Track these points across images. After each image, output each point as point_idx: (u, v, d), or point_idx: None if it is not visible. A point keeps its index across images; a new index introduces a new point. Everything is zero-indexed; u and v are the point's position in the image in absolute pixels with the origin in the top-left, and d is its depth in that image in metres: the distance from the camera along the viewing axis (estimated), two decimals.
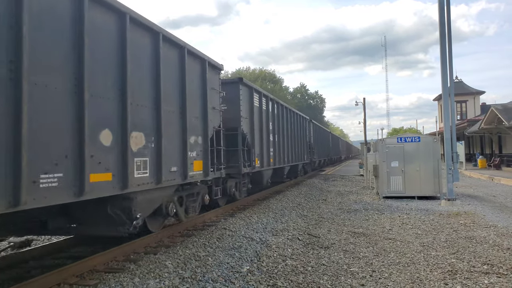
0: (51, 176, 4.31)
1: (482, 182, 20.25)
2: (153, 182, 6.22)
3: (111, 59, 5.40)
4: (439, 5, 12.71)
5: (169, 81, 6.82)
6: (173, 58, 7.05)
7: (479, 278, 5.31)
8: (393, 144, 13.61)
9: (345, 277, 5.54)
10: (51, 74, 4.39)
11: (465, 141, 35.53)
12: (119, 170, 5.40)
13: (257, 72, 78.34)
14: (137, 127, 5.83)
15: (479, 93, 43.38)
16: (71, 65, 4.65)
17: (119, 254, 6.02)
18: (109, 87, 5.33)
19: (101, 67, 5.17)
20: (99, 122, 5.07)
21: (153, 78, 6.37)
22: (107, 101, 5.22)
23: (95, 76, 4.99)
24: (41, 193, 4.17)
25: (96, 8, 5.07)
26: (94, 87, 4.97)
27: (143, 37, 6.18)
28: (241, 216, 9.75)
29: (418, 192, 13.29)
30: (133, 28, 5.82)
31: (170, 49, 6.92)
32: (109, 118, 5.28)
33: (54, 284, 4.77)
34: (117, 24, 5.52)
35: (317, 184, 19.18)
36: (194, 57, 7.85)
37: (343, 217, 10.23)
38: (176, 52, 7.17)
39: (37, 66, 4.18)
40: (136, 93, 5.85)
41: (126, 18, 5.61)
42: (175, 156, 6.96)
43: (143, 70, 6.15)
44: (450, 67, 12.76)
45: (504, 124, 23.94)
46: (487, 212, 10.57)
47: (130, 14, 5.68)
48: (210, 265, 5.83)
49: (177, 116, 7.09)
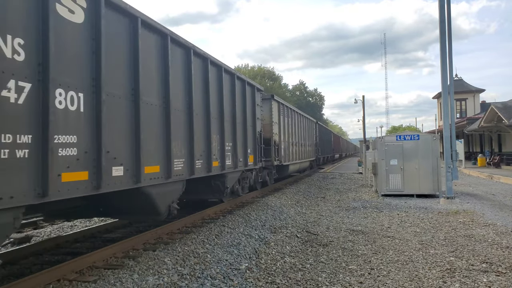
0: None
1: (481, 181, 20.28)
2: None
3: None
4: (439, 2, 12.69)
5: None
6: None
7: (478, 277, 5.33)
8: (392, 142, 13.61)
9: (343, 274, 5.56)
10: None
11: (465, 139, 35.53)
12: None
13: (256, 70, 78.20)
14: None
15: (478, 91, 43.37)
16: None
17: (118, 250, 6.03)
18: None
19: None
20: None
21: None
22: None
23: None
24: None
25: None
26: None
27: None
28: (240, 213, 9.76)
29: (417, 190, 13.30)
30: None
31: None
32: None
33: (54, 280, 4.78)
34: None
35: (315, 182, 19.20)
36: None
37: (341, 215, 10.25)
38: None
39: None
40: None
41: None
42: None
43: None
44: (450, 65, 12.75)
45: (504, 122, 23.95)
46: (486, 210, 10.59)
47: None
48: (209, 262, 5.85)
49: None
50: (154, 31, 6.18)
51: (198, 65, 7.81)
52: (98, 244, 6.83)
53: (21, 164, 3.79)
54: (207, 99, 8.10)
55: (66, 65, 4.38)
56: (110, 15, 5.14)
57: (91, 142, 4.73)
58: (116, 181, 5.14)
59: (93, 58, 4.81)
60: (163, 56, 6.40)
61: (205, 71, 8.08)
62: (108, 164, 4.97)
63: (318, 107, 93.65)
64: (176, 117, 6.75)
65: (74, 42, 4.56)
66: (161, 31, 6.32)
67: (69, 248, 6.68)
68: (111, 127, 5.05)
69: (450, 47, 12.70)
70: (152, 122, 6.04)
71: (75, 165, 4.46)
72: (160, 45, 6.35)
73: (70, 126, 4.41)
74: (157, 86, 6.25)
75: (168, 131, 6.43)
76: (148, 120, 5.90)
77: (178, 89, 6.90)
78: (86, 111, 4.67)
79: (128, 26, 5.55)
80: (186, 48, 7.24)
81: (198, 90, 7.69)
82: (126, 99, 5.45)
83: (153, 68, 6.17)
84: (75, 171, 4.45)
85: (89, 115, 4.70)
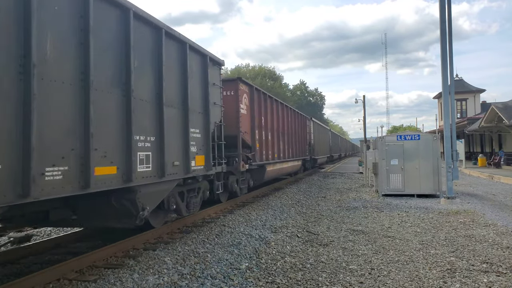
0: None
1: (482, 181, 20.26)
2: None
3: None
4: (439, 2, 12.68)
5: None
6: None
7: (478, 277, 5.32)
8: (393, 142, 13.60)
9: (344, 274, 5.55)
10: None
11: (465, 139, 35.51)
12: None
13: (256, 69, 78.17)
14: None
15: (479, 91, 43.35)
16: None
17: (118, 250, 6.03)
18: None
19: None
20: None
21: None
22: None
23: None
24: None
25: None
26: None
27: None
28: (240, 213, 9.76)
29: (418, 190, 13.29)
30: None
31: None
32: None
33: (53, 279, 4.78)
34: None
35: (316, 182, 19.19)
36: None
37: (342, 215, 10.24)
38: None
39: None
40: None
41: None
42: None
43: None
44: (450, 65, 12.73)
45: (505, 122, 23.93)
46: (486, 210, 10.57)
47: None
48: (209, 261, 5.84)
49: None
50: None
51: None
52: (98, 244, 6.82)
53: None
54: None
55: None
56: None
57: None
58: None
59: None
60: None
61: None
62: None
63: (319, 107, 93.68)
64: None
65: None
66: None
67: (69, 247, 6.68)
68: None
69: (451, 47, 12.69)
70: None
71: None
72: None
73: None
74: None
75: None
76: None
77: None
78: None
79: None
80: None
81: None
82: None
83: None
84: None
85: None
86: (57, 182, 4.29)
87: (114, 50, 5.41)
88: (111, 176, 5.17)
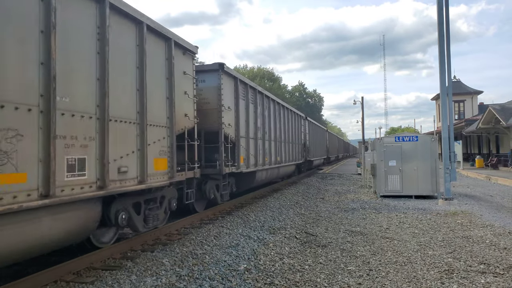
0: None
1: (479, 182, 20.30)
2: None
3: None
4: (437, 4, 12.74)
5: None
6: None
7: (476, 278, 5.33)
8: (391, 143, 13.62)
9: (342, 275, 5.55)
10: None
11: (463, 140, 35.58)
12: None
13: (255, 70, 78.26)
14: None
15: (477, 92, 43.47)
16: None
17: (116, 251, 6.01)
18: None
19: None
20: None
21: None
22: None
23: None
24: None
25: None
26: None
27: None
28: (239, 214, 9.75)
29: (416, 192, 13.31)
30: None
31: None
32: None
33: (51, 281, 4.76)
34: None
35: (314, 183, 19.20)
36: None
37: (340, 216, 10.24)
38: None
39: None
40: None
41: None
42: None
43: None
44: (448, 67, 12.76)
45: (502, 124, 24.01)
46: (484, 211, 10.60)
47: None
48: (207, 263, 5.83)
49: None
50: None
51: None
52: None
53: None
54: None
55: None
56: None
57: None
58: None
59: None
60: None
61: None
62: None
63: (317, 108, 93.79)
64: None
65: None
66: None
67: (66, 249, 6.65)
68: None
69: (449, 48, 12.71)
70: None
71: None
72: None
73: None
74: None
75: None
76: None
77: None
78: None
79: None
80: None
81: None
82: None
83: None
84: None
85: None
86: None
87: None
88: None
